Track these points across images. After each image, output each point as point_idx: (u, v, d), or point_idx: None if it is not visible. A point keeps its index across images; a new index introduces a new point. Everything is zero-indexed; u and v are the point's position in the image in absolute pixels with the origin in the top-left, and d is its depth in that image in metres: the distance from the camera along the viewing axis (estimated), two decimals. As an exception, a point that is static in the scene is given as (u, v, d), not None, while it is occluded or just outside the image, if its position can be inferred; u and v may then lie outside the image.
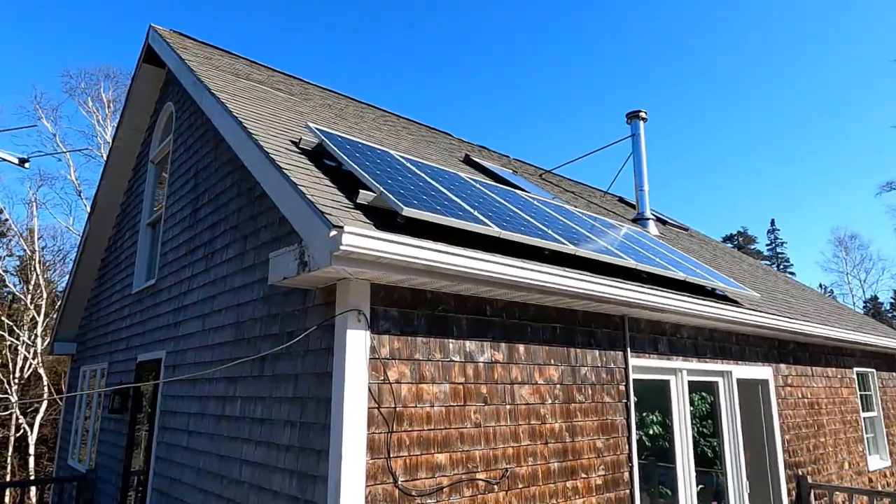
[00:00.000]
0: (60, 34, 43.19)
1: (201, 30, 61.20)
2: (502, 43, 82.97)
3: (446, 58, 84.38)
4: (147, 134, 7.99)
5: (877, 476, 8.39)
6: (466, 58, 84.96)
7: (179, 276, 5.60)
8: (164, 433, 5.31)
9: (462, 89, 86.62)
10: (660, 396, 5.31)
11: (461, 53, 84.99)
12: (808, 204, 69.52)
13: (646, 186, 9.84)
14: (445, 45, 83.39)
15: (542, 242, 3.92)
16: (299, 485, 3.24)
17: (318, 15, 71.86)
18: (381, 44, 79.08)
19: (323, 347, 3.27)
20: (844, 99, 69.01)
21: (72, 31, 44.50)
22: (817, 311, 8.74)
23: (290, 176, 3.35)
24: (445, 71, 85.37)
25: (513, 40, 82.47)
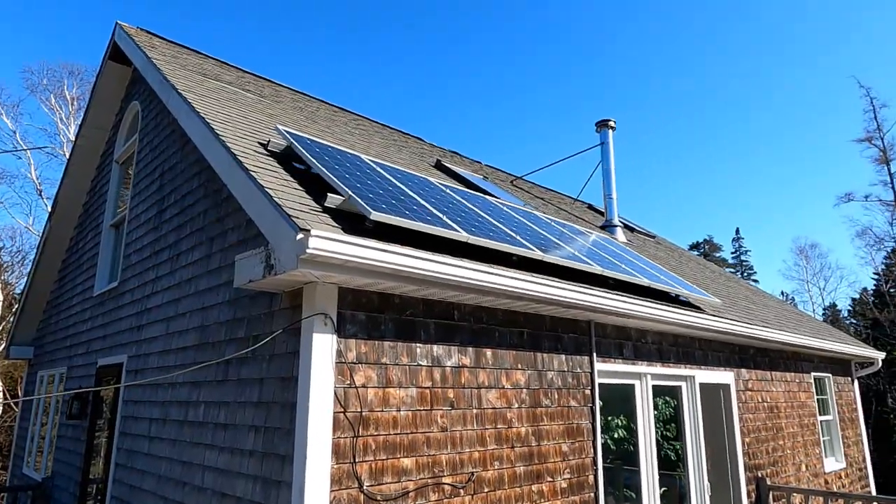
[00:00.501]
0: (20, 28, 41.90)
1: (181, 30, 60.09)
2: (475, 51, 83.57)
3: (420, 63, 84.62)
4: (112, 133, 7.82)
5: (832, 477, 8.66)
6: (438, 63, 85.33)
7: (143, 279, 5.49)
8: (124, 439, 5.19)
9: (436, 96, 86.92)
10: (625, 401, 5.40)
11: (434, 58, 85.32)
12: (772, 214, 71.58)
13: (614, 194, 10.01)
14: (418, 50, 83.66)
15: (510, 248, 3.96)
16: (263, 490, 3.20)
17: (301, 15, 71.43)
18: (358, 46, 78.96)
19: (289, 351, 3.25)
20: (805, 113, 71.35)
21: (33, 26, 43.20)
22: (777, 317, 9.00)
23: (258, 178, 3.32)
24: (418, 78, 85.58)
25: (487, 50, 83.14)
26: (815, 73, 67.94)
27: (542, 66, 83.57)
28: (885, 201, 36.55)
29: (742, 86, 75.15)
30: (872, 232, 39.20)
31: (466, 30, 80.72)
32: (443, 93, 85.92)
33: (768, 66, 72.56)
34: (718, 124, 78.77)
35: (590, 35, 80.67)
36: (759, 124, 74.74)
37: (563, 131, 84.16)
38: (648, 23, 75.52)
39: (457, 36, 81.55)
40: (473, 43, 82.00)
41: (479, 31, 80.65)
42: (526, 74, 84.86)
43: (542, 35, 79.29)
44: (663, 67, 79.74)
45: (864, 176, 72.87)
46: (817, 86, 67.87)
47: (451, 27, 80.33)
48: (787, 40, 69.42)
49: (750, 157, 75.21)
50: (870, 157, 40.61)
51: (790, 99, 71.52)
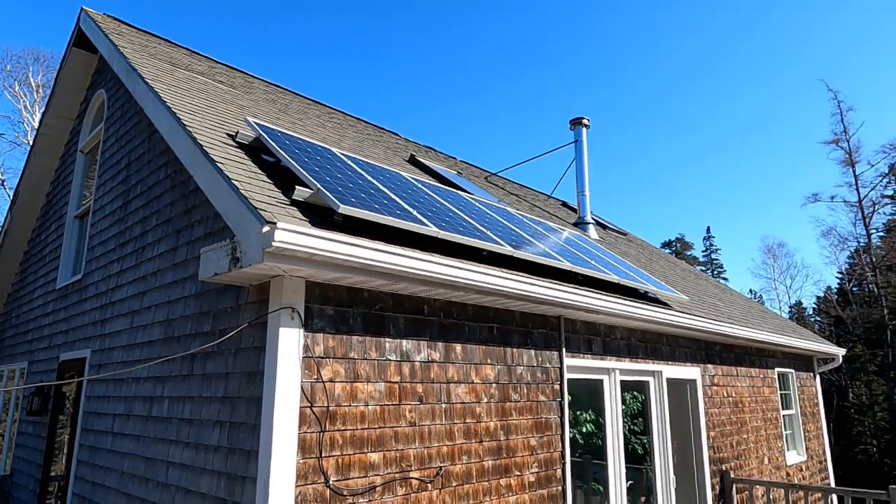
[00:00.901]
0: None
1: (149, 18, 58.65)
2: (452, 48, 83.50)
3: (395, 59, 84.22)
4: (77, 122, 7.61)
5: (794, 470, 8.91)
6: (415, 60, 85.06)
7: (108, 272, 5.36)
8: (86, 435, 5.07)
9: (413, 92, 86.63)
10: (593, 395, 5.47)
11: (410, 55, 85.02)
12: (742, 213, 73.12)
13: (587, 191, 10.11)
14: (394, 45, 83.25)
15: (481, 243, 3.97)
16: (227, 486, 3.17)
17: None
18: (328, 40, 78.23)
19: (255, 346, 3.21)
20: (775, 115, 72.97)
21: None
22: (743, 314, 9.20)
23: (224, 170, 3.27)
24: (394, 73, 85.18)
25: (464, 46, 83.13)
26: (785, 75, 69.55)
27: (518, 64, 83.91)
28: (849, 202, 37.65)
29: (713, 87, 76.53)
30: (837, 232, 40.35)
31: (444, 25, 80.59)
32: (419, 89, 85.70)
33: (739, 67, 74.02)
34: (692, 124, 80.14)
35: (566, 33, 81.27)
36: (730, 125, 76.24)
37: (539, 129, 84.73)
38: (622, 22, 76.36)
39: (435, 31, 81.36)
40: (451, 39, 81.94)
41: (457, 27, 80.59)
42: (501, 72, 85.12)
43: (520, 32, 79.59)
44: (636, 67, 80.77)
45: (831, 177, 74.92)
46: (786, 88, 69.50)
47: (429, 22, 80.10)
48: (758, 42, 70.89)
49: (721, 158, 76.70)
50: (836, 159, 41.77)
51: (760, 101, 73.09)
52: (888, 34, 58.36)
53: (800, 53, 68.63)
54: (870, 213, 36.53)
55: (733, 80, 75.69)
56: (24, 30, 44.80)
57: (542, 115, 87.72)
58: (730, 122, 77.13)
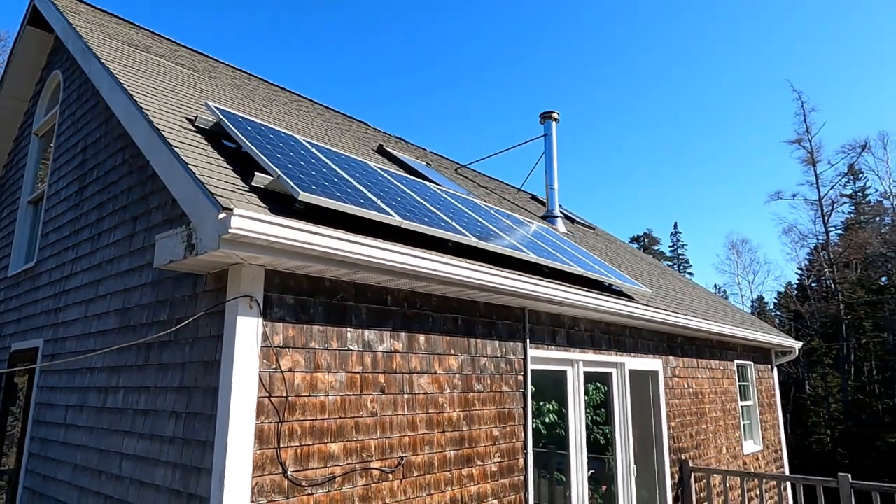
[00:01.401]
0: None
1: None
2: (424, 40, 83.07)
3: (366, 54, 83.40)
4: (31, 103, 7.32)
5: (750, 459, 9.18)
6: (387, 54, 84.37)
7: (62, 259, 5.19)
8: (38, 428, 4.92)
9: (381, 85, 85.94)
10: (557, 386, 5.53)
11: (381, 49, 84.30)
12: (708, 210, 74.74)
13: (556, 185, 10.18)
14: (366, 37, 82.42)
15: (446, 234, 3.96)
16: (183, 478, 3.10)
17: None
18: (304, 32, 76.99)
19: (212, 335, 3.14)
20: (742, 114, 74.67)
21: (-49, -14, 39.84)
22: (705, 308, 9.41)
23: (181, 155, 3.18)
24: (366, 65, 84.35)
25: (434, 38, 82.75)
26: (752, 75, 71.12)
27: (489, 58, 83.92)
28: (810, 200, 38.84)
29: (682, 86, 77.85)
30: (798, 229, 41.66)
31: (415, 20, 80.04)
32: (390, 83, 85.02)
33: (707, 67, 75.41)
34: (661, 121, 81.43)
35: (537, 28, 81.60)
36: (698, 123, 77.71)
37: (510, 122, 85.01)
38: (593, 19, 76.99)
39: (406, 26, 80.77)
40: (422, 32, 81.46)
41: (427, 22, 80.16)
42: (472, 65, 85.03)
43: (492, 27, 79.56)
44: (607, 64, 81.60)
45: (793, 176, 77.10)
46: (753, 88, 71.10)
47: (400, 17, 79.44)
48: (726, 42, 72.29)
49: (689, 155, 78.17)
50: (798, 157, 42.89)
51: (727, 100, 74.65)
52: (850, 37, 60.16)
53: (767, 54, 70.28)
54: (829, 211, 37.76)
55: (701, 78, 77.14)
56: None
57: (513, 108, 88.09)
58: (698, 120, 78.66)
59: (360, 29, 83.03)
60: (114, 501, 3.64)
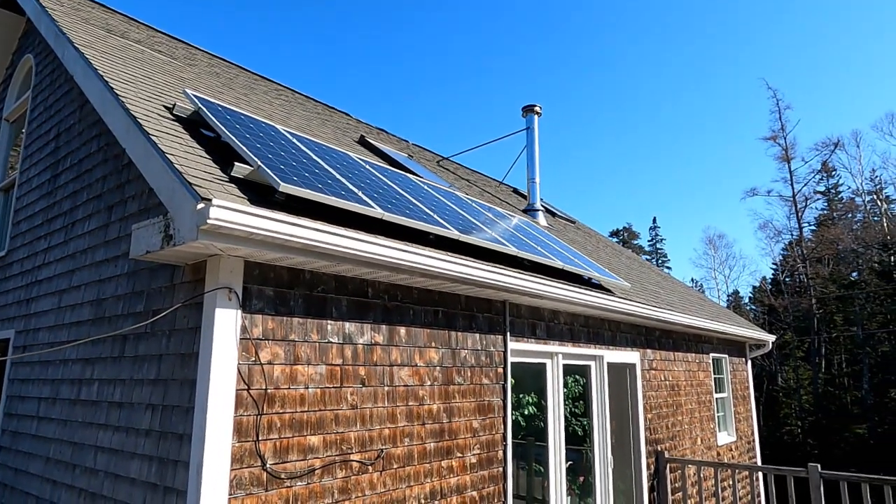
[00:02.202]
0: None
1: None
2: (407, 33, 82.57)
3: (350, 46, 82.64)
4: (2, 88, 7.12)
5: (724, 450, 9.37)
6: (370, 47, 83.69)
7: (34, 248, 5.07)
8: (9, 420, 4.82)
9: (364, 77, 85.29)
10: (536, 379, 5.57)
11: (365, 42, 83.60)
12: (686, 205, 75.73)
13: (537, 178, 10.22)
14: (349, 28, 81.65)
15: (427, 227, 3.95)
16: (159, 471, 3.07)
17: None
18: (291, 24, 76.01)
19: (190, 327, 3.10)
20: (718, 111, 75.65)
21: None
22: (682, 301, 9.54)
23: (159, 143, 3.12)
24: (349, 59, 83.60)
25: (419, 31, 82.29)
26: (728, 73, 72.02)
27: (473, 52, 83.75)
28: (784, 197, 39.53)
29: (661, 82, 78.58)
30: (773, 225, 42.46)
31: (400, 13, 79.48)
32: (373, 75, 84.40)
33: (685, 64, 76.19)
34: (641, 117, 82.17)
35: (523, 22, 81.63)
36: (677, 119, 78.56)
37: (493, 115, 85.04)
38: (577, 15, 77.25)
39: (391, 18, 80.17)
40: (407, 25, 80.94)
41: (413, 13, 79.66)
42: (457, 59, 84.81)
43: (477, 20, 79.36)
44: (589, 59, 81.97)
45: (768, 173, 78.37)
46: (729, 86, 72.02)
47: (384, 10, 78.81)
48: (702, 39, 73.06)
49: (668, 151, 79.04)
50: (773, 154, 43.68)
51: (706, 97, 75.52)
52: (825, 36, 61.18)
53: (743, 52, 71.20)
54: (802, 207, 38.48)
55: (680, 75, 77.92)
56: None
57: (496, 101, 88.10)
58: (676, 117, 79.50)
59: (342, 20, 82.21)
60: (88, 495, 3.59)
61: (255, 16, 73.20)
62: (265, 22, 76.77)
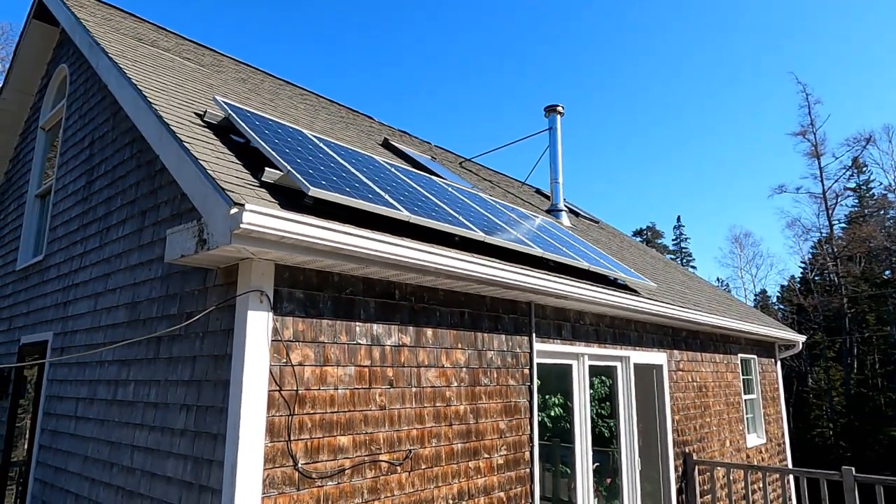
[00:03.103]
0: (-61, -20, 38.48)
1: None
2: (427, 33, 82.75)
3: (370, 45, 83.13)
4: (38, 97, 7.34)
5: (753, 452, 9.21)
6: (391, 47, 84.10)
7: (70, 253, 5.22)
8: (49, 420, 4.96)
9: (386, 78, 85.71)
10: (562, 380, 5.56)
11: (386, 42, 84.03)
12: (711, 203, 74.57)
13: (560, 178, 10.18)
14: (370, 33, 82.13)
15: (453, 228, 3.98)
16: (194, 470, 3.14)
17: None
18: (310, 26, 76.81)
19: (223, 329, 3.17)
20: (744, 107, 74.34)
21: (-47, -21, 39.77)
22: (709, 301, 9.42)
23: (191, 150, 3.19)
24: (369, 58, 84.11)
25: (439, 30, 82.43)
26: (756, 68, 70.75)
27: (494, 52, 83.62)
28: (813, 194, 38.72)
29: (686, 79, 77.51)
30: (801, 223, 41.55)
31: (421, 12, 79.75)
32: (395, 76, 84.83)
33: (711, 60, 75.02)
34: (665, 115, 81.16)
35: (543, 22, 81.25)
36: (702, 116, 77.40)
37: (514, 116, 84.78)
38: (598, 12, 76.61)
39: (411, 18, 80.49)
40: (427, 24, 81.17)
41: (434, 13, 79.84)
42: (477, 59, 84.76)
43: (497, 20, 79.23)
44: (612, 57, 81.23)
45: (797, 169, 76.74)
46: (757, 81, 70.74)
47: (405, 9, 79.15)
48: (731, 34, 71.90)
49: (693, 148, 77.92)
50: (802, 150, 42.75)
51: (731, 93, 74.28)
52: (855, 29, 59.73)
53: (771, 46, 69.86)
54: (833, 204, 37.64)
55: (705, 71, 76.74)
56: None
57: (518, 102, 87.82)
58: (702, 113, 78.32)
59: (362, 21, 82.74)
60: (125, 493, 3.68)
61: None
62: (270, 21, 77.61)
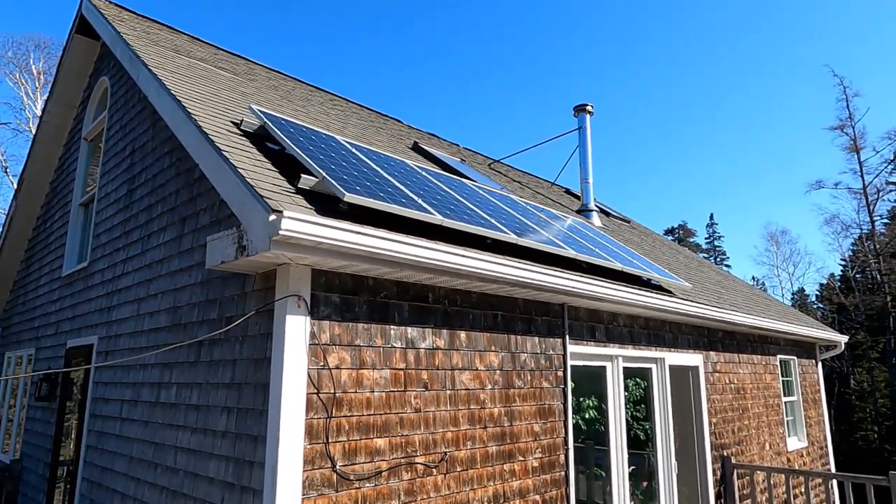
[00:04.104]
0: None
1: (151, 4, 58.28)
2: (454, 32, 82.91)
3: (396, 45, 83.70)
4: (80, 109, 7.60)
5: (794, 456, 8.97)
6: (417, 46, 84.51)
7: (113, 259, 5.39)
8: (95, 421, 5.13)
9: (413, 78, 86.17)
10: (596, 382, 5.51)
11: (412, 42, 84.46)
12: (745, 200, 72.89)
13: (590, 178, 10.09)
14: (395, 33, 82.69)
15: (485, 231, 3.98)
16: (236, 471, 3.21)
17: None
18: (330, 28, 77.75)
19: (262, 333, 3.24)
20: (780, 101, 72.47)
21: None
22: (746, 301, 9.21)
23: (230, 158, 3.28)
24: (396, 59, 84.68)
25: (467, 29, 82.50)
26: (790, 61, 68.95)
27: (521, 51, 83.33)
28: (853, 189, 37.46)
29: (717, 74, 75.97)
30: (840, 219, 40.24)
31: (446, 10, 79.97)
32: (422, 75, 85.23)
33: (743, 53, 73.39)
34: (696, 112, 79.68)
35: (570, 20, 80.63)
36: (734, 111, 75.76)
37: (542, 116, 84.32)
38: (626, 8, 75.68)
39: (436, 16, 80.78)
40: (453, 25, 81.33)
41: (459, 12, 79.98)
42: (504, 59, 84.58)
43: (524, 18, 78.96)
44: (640, 54, 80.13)
45: (835, 164, 74.49)
46: (791, 74, 68.92)
47: (431, 6, 79.47)
48: (762, 27, 70.23)
49: (725, 144, 76.31)
50: (841, 145, 41.48)
51: (765, 87, 72.52)
52: (894, 18, 57.68)
53: (805, 38, 67.99)
54: (874, 199, 36.36)
55: (738, 66, 75.09)
56: (25, 16, 44.55)
57: (546, 101, 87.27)
58: (733, 109, 76.64)
59: (388, 22, 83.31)
60: (169, 493, 3.79)
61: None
62: (303, 21, 78.77)
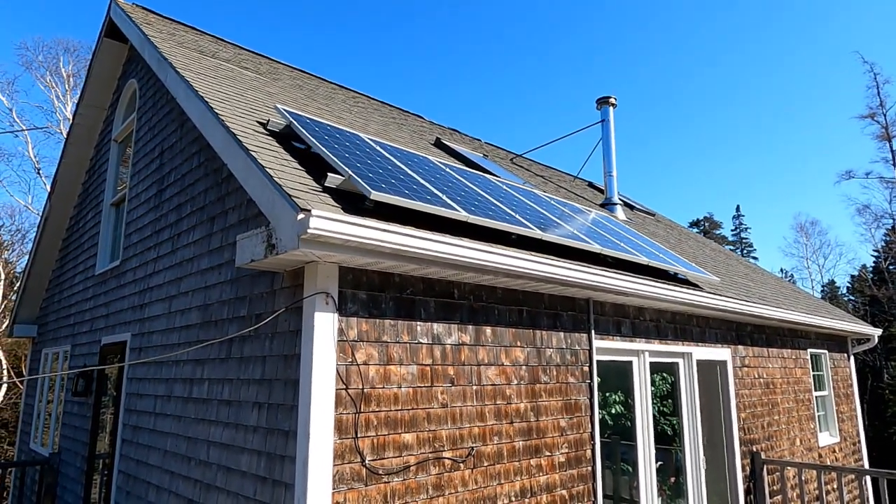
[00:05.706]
0: (15, 3, 41.21)
1: (175, 5, 59.19)
2: (475, 25, 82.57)
3: (415, 39, 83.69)
4: (109, 111, 7.78)
5: (826, 451, 8.81)
6: (438, 39, 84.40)
7: (144, 258, 5.52)
8: (129, 416, 5.27)
9: (433, 71, 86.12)
10: (622, 377, 5.48)
11: (432, 34, 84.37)
12: (773, 191, 71.42)
13: (614, 171, 10.00)
14: (415, 25, 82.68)
15: (510, 227, 3.98)
16: (267, 465, 3.28)
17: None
18: (349, 23, 78.09)
19: (291, 330, 3.29)
20: (808, 89, 70.73)
21: (28, 2, 42.55)
22: (775, 294, 9.05)
23: (258, 158, 3.33)
24: (417, 53, 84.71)
25: (487, 21, 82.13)
26: (818, 48, 67.21)
27: (543, 43, 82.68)
28: (885, 178, 36.44)
29: (743, 63, 74.42)
30: (871, 209, 39.18)
31: (468, 3, 79.68)
32: (442, 70, 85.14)
33: (770, 42, 71.74)
34: (720, 101, 78.22)
35: (592, 10, 79.69)
36: (759, 101, 74.19)
37: (565, 109, 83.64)
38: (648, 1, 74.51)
39: (457, 9, 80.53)
40: (472, 19, 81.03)
41: (481, 5, 79.60)
42: (525, 51, 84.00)
43: (545, 9, 78.26)
44: (665, 43, 78.88)
45: (866, 153, 72.45)
46: (819, 62, 67.19)
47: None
48: (789, 15, 68.54)
49: (750, 135, 74.81)
50: (871, 133, 40.33)
51: (792, 76, 70.84)
52: (930, 1, 55.73)
53: (833, 25, 66.16)
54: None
55: (764, 54, 73.43)
56: (54, 21, 45.61)
57: (568, 94, 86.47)
58: (759, 99, 75.02)
59: (407, 15, 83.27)
60: (203, 486, 3.88)
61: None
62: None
